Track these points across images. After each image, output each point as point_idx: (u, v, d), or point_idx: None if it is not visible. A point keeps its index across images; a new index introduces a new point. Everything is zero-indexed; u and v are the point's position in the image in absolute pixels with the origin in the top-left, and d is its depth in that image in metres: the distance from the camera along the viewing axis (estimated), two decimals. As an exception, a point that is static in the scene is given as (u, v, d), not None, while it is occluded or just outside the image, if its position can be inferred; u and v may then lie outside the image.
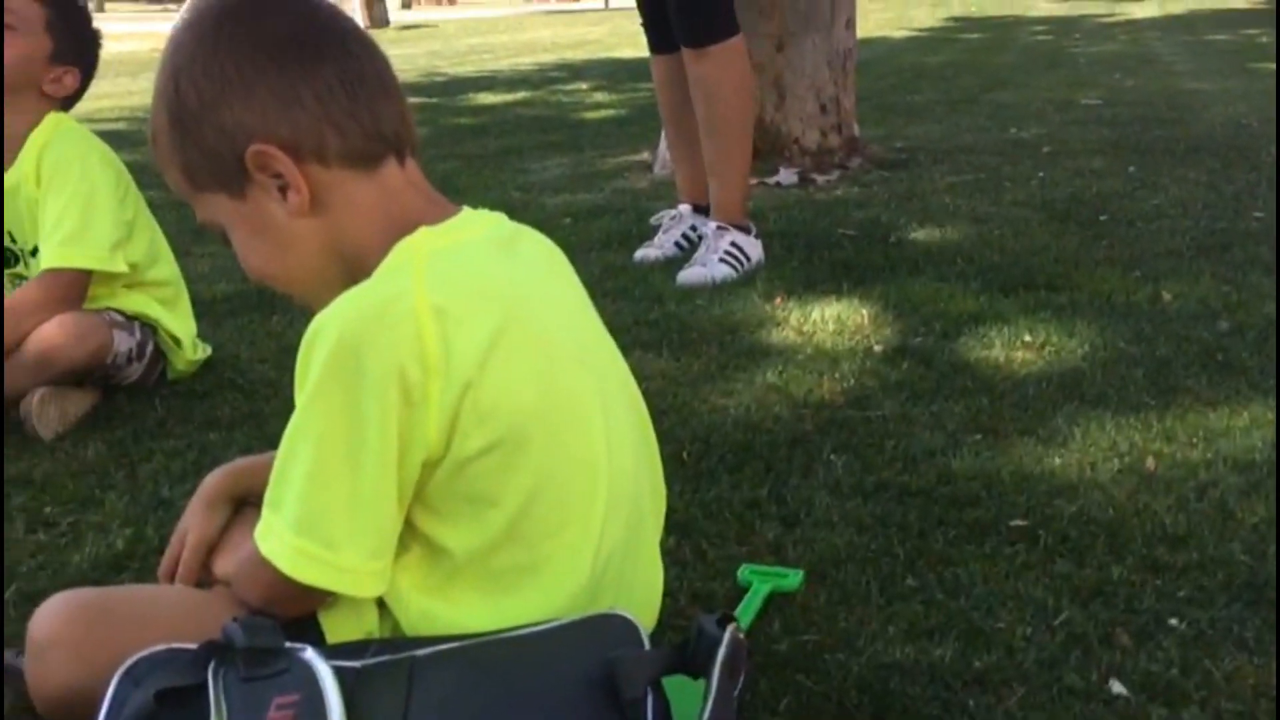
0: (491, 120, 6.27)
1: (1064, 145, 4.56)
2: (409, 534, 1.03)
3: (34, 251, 2.08)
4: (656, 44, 2.96)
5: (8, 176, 2.06)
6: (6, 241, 2.11)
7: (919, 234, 3.10)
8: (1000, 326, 2.29)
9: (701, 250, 2.81)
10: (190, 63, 0.99)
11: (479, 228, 1.07)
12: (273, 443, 1.00)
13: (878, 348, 2.21)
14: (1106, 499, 1.56)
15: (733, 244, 2.80)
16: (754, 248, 2.84)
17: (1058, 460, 1.68)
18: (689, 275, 2.71)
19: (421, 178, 1.07)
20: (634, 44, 13.77)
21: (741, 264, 2.78)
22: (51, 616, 1.04)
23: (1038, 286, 2.55)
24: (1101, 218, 3.22)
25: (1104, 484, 1.60)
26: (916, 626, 1.27)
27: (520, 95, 7.67)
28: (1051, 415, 1.84)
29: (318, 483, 0.96)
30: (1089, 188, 3.66)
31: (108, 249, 2.04)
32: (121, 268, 2.07)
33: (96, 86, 2.21)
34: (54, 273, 2.00)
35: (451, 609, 1.03)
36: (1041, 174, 3.95)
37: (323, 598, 1.02)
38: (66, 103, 2.11)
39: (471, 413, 0.96)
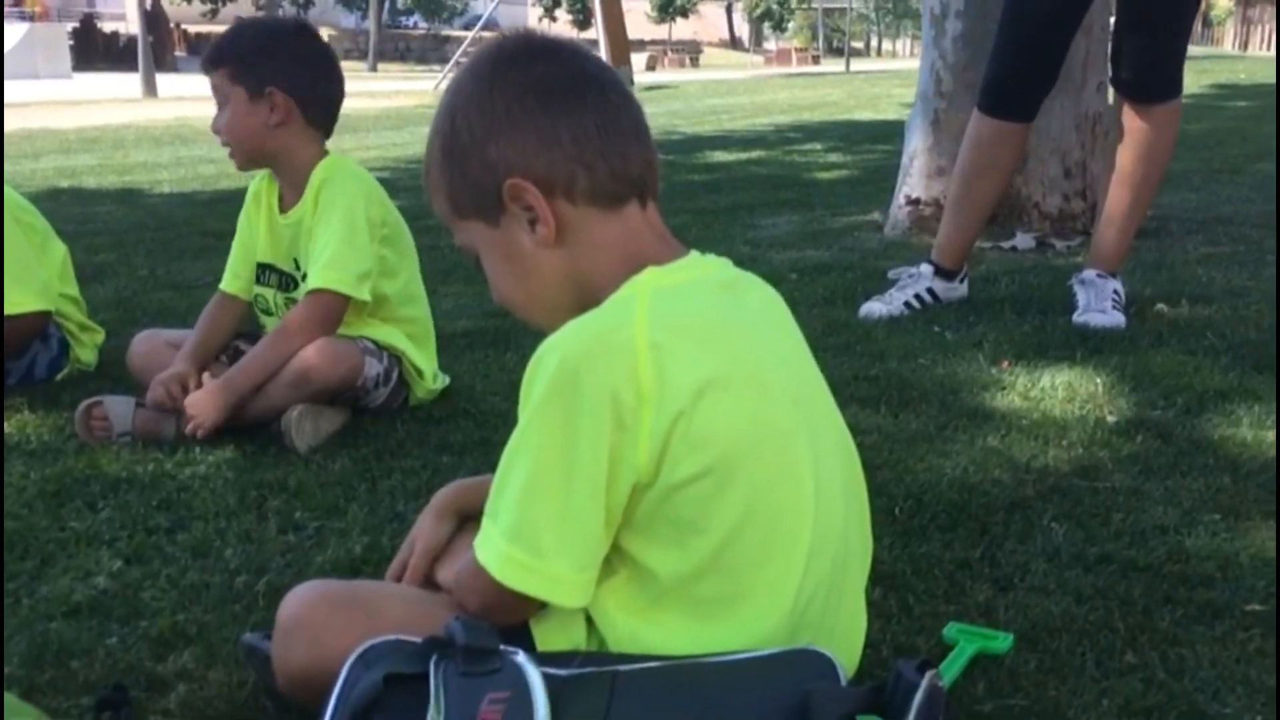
0: (725, 177, 6.40)
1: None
2: (618, 557, 1.08)
3: (304, 276, 2.29)
4: (998, 107, 2.90)
5: (295, 211, 2.28)
6: (290, 267, 2.33)
7: (1165, 304, 2.94)
8: (1250, 404, 2.15)
9: (1089, 297, 2.85)
10: (466, 102, 1.10)
11: (703, 270, 1.12)
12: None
13: (1111, 418, 2.12)
14: (1361, 592, 1.43)
15: (1115, 291, 2.86)
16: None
17: (1306, 547, 1.56)
18: (1097, 319, 2.76)
19: (659, 221, 1.14)
20: (872, 107, 13.72)
21: (1124, 309, 2.85)
22: (298, 601, 1.14)
23: (1296, 365, 2.38)
24: (1377, 296, 2.97)
25: (1359, 576, 1.47)
26: (1133, 704, 1.21)
27: (755, 154, 7.79)
28: (1302, 500, 1.71)
29: (531, 495, 1.03)
30: (1364, 264, 3.38)
31: (354, 277, 2.20)
32: (365, 297, 2.22)
33: (364, 139, 2.39)
34: (315, 294, 2.19)
35: (655, 632, 1.07)
36: (1310, 248, 3.68)
37: (534, 608, 1.08)
38: (318, 118, 2.25)
39: (683, 440, 1.00)
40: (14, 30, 28.77)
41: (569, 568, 1.03)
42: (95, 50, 35.51)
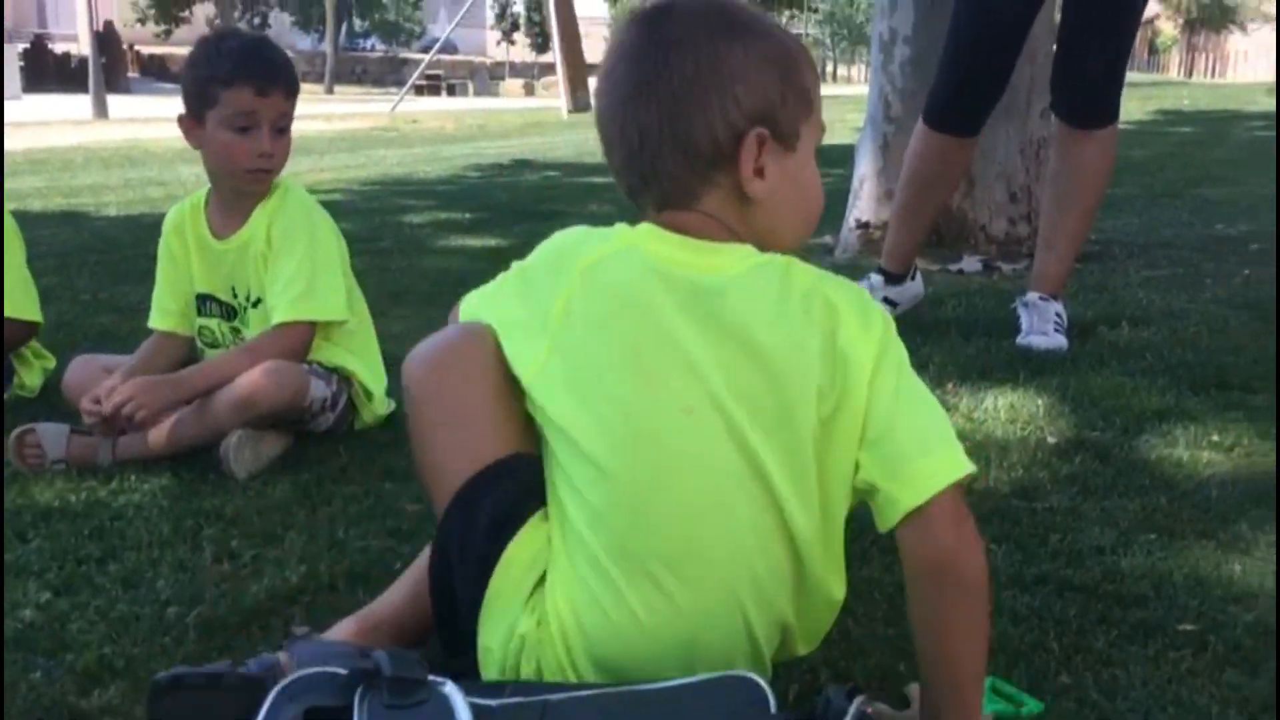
0: (679, 201, 6.41)
1: (1273, 243, 4.31)
2: None
3: (255, 303, 2.28)
4: (942, 121, 2.92)
5: (239, 235, 2.27)
6: (228, 296, 2.31)
7: (1106, 327, 2.99)
8: (1186, 425, 2.18)
9: (1032, 320, 2.87)
10: None
11: (674, 261, 1.12)
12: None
13: (1051, 439, 2.14)
14: (1289, 611, 1.45)
15: (1057, 314, 2.88)
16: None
17: (1237, 566, 1.58)
18: (1040, 341, 2.78)
19: (686, 221, 1.14)
20: (830, 131, 13.85)
21: (1065, 332, 2.87)
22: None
23: (1231, 386, 2.42)
24: (1310, 318, 3.03)
25: (1287, 595, 1.50)
26: (1066, 725, 1.22)
27: (709, 178, 7.81)
28: (1234, 519, 1.74)
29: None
30: (1298, 287, 3.45)
31: (340, 302, 2.26)
32: (348, 316, 2.28)
33: (318, 161, 2.39)
34: (287, 326, 2.20)
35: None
36: (1246, 271, 3.76)
37: None
38: None
39: (546, 388, 1.12)
40: (-38, 51, 28.34)
41: None
42: (47, 71, 35.02)
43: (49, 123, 16.88)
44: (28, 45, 37.34)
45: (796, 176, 1.15)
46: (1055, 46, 2.92)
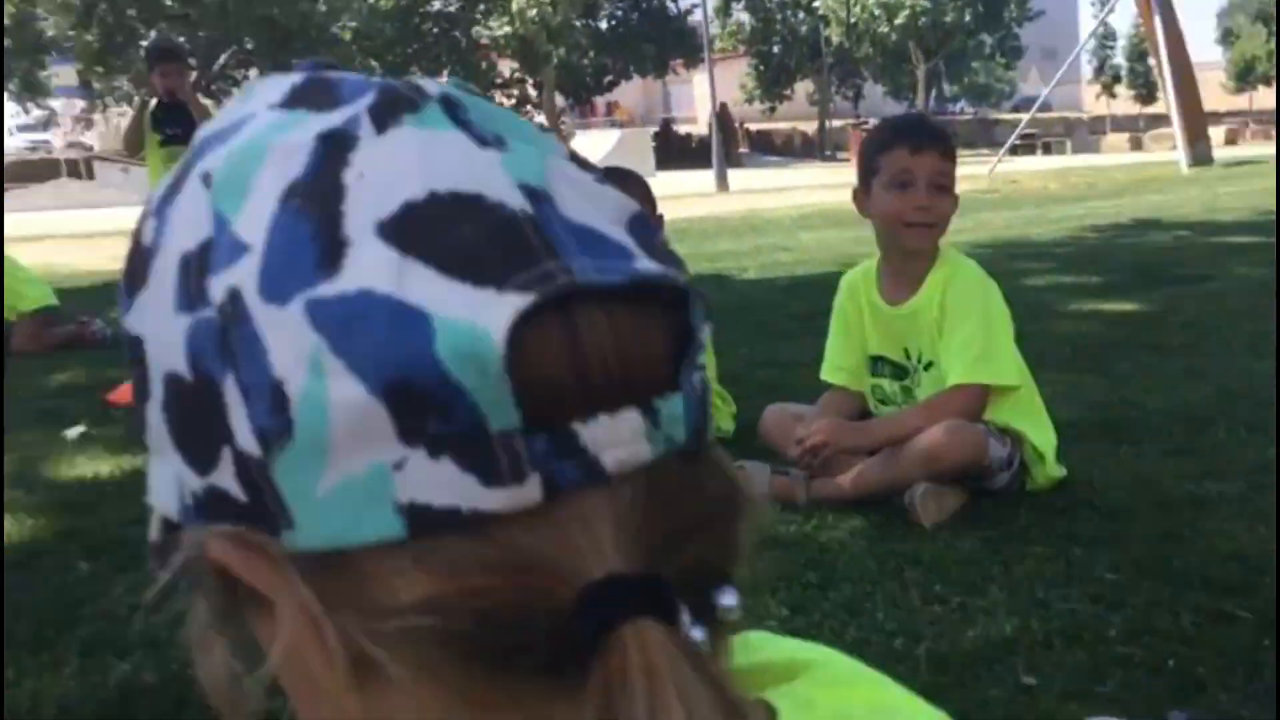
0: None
1: None
2: None
3: (927, 366, 2.40)
4: None
5: (911, 303, 2.41)
6: (901, 357, 2.46)
7: None
8: None
9: None
10: None
11: None
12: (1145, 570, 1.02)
13: None
14: None
15: None
16: None
17: None
18: None
19: None
20: None
21: None
22: None
23: None
24: None
25: None
26: None
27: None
28: None
29: None
30: None
31: (1012, 369, 2.33)
32: (1018, 382, 2.33)
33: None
34: (963, 387, 2.30)
35: None
36: None
37: None
38: None
39: None
40: (608, 136, 33.24)
41: None
42: (672, 150, 39.73)
43: (680, 196, 19.11)
44: (657, 129, 42.68)
45: None
46: None
